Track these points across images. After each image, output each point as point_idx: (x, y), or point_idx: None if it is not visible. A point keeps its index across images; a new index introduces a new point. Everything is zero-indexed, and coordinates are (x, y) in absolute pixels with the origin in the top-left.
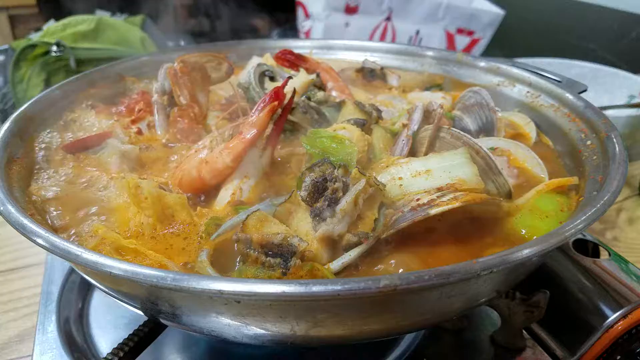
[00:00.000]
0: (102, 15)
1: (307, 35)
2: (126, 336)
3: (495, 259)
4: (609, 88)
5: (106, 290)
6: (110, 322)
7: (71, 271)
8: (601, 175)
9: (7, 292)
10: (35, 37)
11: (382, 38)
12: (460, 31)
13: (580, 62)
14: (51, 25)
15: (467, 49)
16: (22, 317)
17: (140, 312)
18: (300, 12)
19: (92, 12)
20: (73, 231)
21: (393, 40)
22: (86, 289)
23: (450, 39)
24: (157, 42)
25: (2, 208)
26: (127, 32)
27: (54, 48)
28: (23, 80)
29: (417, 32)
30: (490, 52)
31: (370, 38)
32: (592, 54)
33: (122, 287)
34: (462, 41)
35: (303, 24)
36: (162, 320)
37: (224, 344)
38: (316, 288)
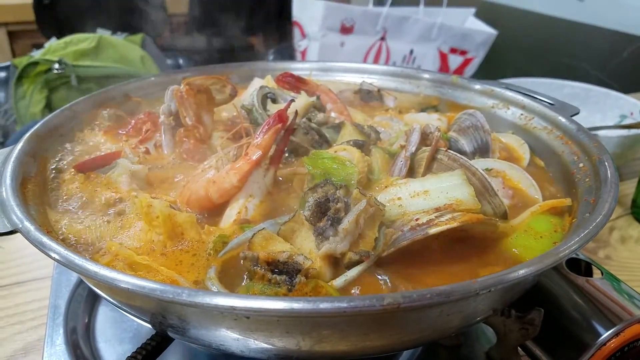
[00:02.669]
0: (103, 33)
1: (304, 54)
2: (132, 349)
3: (493, 279)
4: (600, 108)
5: (117, 304)
6: (115, 336)
7: (77, 285)
8: (593, 197)
9: (12, 305)
10: (37, 54)
11: (377, 57)
12: (453, 51)
13: (572, 82)
14: (53, 43)
15: (460, 68)
16: (28, 330)
17: (148, 326)
18: (296, 32)
19: (93, 31)
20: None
21: (387, 59)
22: (92, 303)
23: (443, 58)
24: (156, 60)
25: (20, 226)
26: (127, 50)
27: (56, 66)
28: (25, 97)
29: (411, 52)
30: (483, 71)
31: (365, 57)
32: (583, 73)
33: (135, 301)
34: (455, 60)
35: (299, 44)
36: (170, 334)
37: (226, 358)
38: (323, 305)
